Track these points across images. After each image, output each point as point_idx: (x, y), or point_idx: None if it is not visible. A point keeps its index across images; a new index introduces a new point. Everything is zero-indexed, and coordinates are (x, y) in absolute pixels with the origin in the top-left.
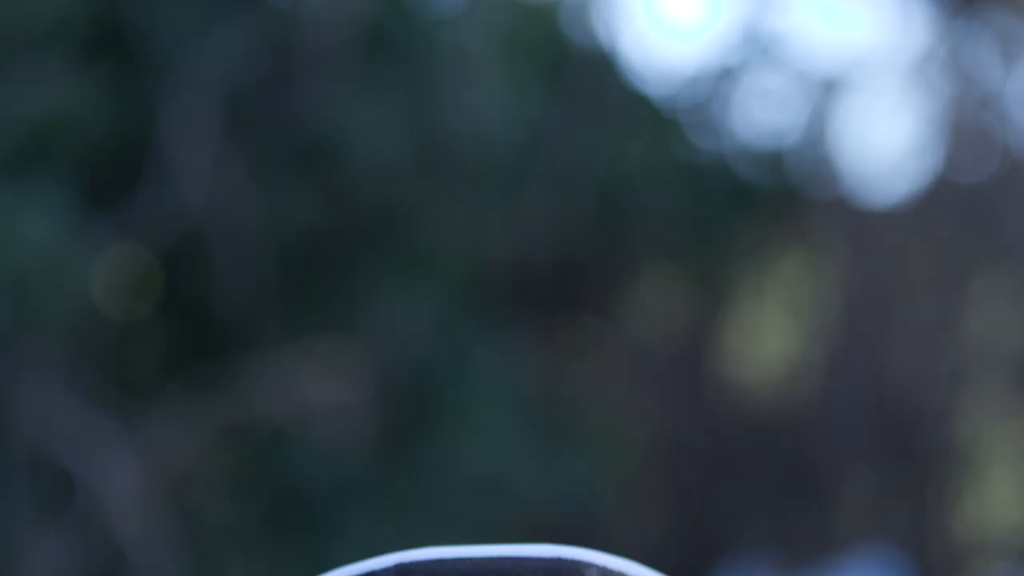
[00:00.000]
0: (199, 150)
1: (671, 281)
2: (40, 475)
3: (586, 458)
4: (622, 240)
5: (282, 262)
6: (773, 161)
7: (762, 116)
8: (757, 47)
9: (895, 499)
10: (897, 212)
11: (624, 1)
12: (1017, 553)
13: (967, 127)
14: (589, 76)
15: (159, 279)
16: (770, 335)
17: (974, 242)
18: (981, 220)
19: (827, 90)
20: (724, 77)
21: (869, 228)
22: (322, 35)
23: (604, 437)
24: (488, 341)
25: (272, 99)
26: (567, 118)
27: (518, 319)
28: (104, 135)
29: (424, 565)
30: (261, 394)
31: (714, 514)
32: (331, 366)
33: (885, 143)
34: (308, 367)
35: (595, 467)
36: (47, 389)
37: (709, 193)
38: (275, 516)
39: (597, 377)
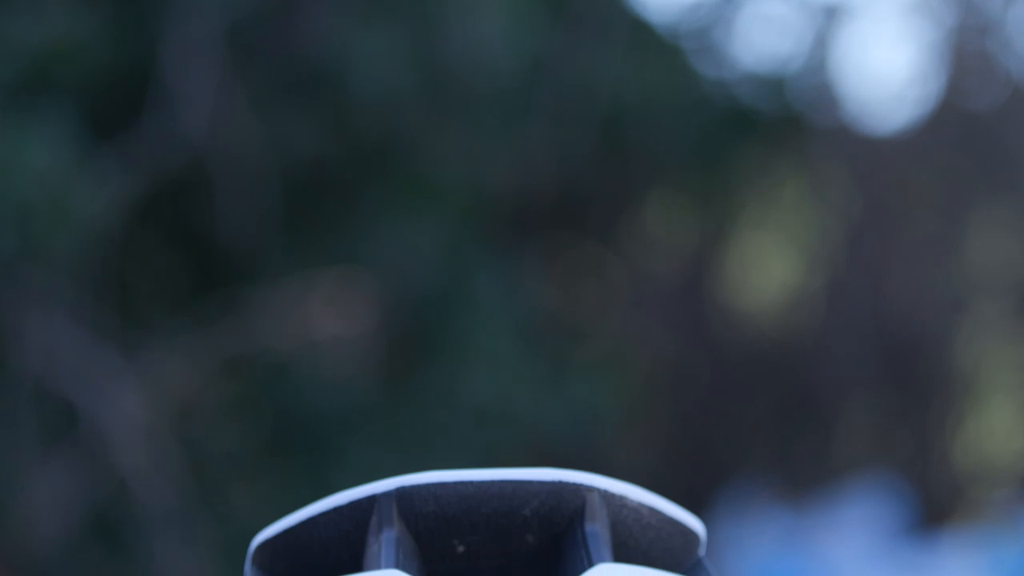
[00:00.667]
0: (202, 80)
1: (673, 208)
2: (44, 406)
3: (588, 385)
4: (625, 168)
5: (285, 192)
6: (775, 88)
7: (764, 43)
8: None
9: (896, 426)
10: (899, 139)
11: None
12: (1017, 479)
13: (969, 54)
14: (592, 3)
15: (162, 209)
16: (772, 262)
17: (975, 169)
18: (983, 147)
19: (829, 16)
20: (726, 3)
21: (871, 155)
22: None
23: (606, 364)
24: (491, 269)
25: (275, 28)
26: (570, 46)
27: (521, 247)
28: (107, 65)
29: (425, 488)
30: (264, 324)
31: (715, 440)
32: (334, 296)
33: (887, 70)
34: (311, 297)
35: (597, 394)
36: (51, 320)
37: (711, 120)
38: (278, 445)
39: (600, 304)
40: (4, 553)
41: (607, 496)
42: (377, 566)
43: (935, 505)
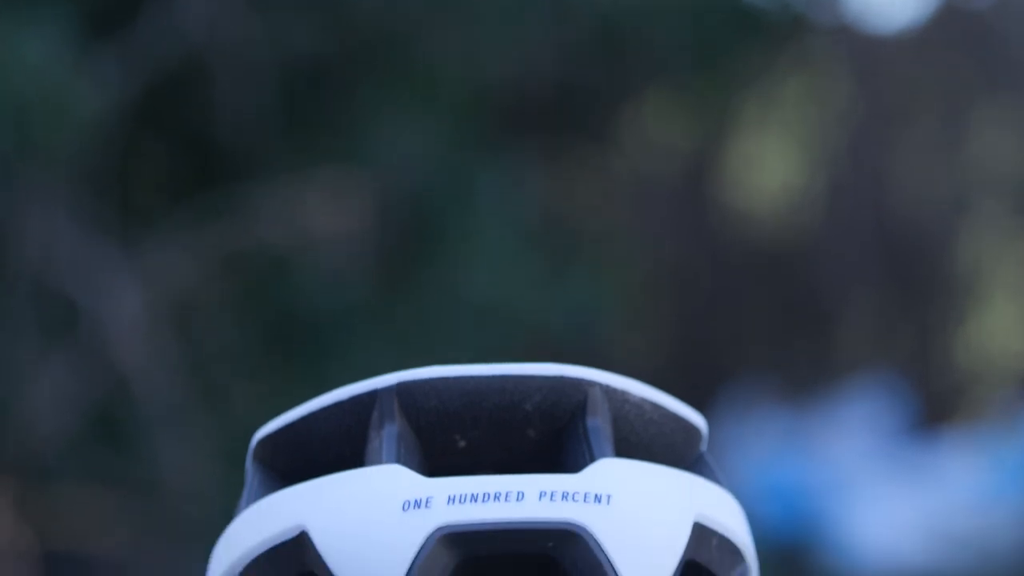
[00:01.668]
0: None
1: (673, 108)
2: (44, 302)
3: (589, 283)
4: (625, 66)
5: (283, 90)
6: None
7: None
8: None
9: (897, 326)
10: (901, 38)
11: None
12: (1017, 379)
13: None
14: None
15: (161, 106)
16: (773, 162)
17: (978, 69)
18: (985, 46)
19: None
20: None
21: (873, 54)
22: None
23: (607, 263)
24: (490, 167)
25: None
26: None
27: (520, 145)
28: None
29: (427, 383)
30: (263, 221)
31: (716, 341)
32: (333, 194)
33: None
34: (310, 195)
35: (598, 292)
36: (50, 217)
37: (712, 18)
38: (277, 341)
39: (600, 203)
40: (5, 449)
41: (609, 391)
42: (378, 461)
43: (936, 405)
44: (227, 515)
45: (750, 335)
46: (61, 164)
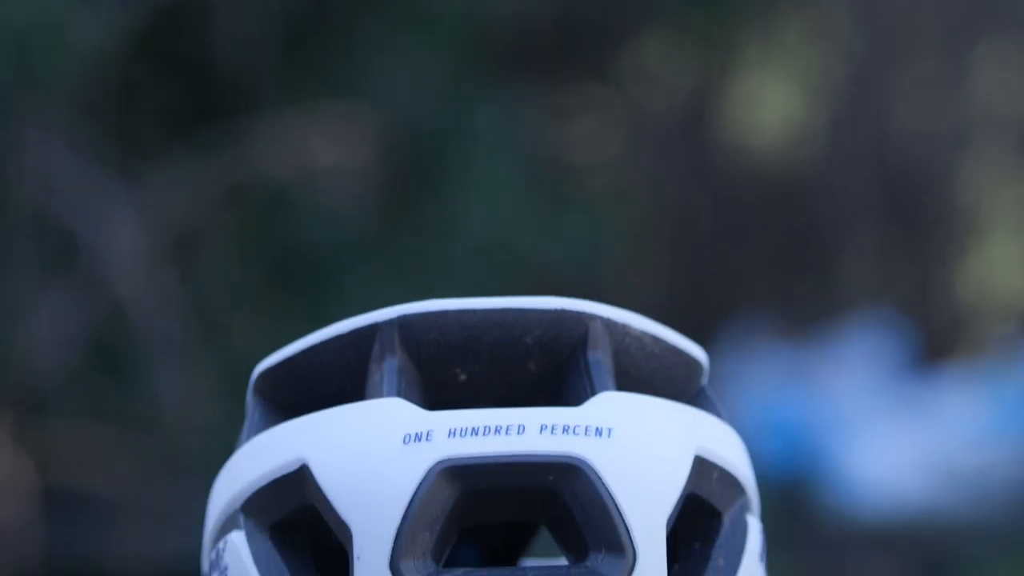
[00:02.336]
0: None
1: (675, 44)
2: (43, 234)
3: (589, 220)
4: (626, 2)
5: (284, 22)
6: None
7: None
8: None
9: (898, 262)
10: None
11: None
12: (1018, 315)
13: None
14: None
15: (162, 37)
16: (774, 99)
17: (980, 5)
18: None
19: None
20: None
21: None
22: None
23: (607, 199)
24: (490, 102)
25: None
26: None
27: (521, 81)
28: None
29: (428, 317)
30: (263, 154)
31: (717, 277)
32: (333, 128)
33: None
34: (310, 129)
35: (598, 229)
36: (49, 148)
37: None
38: (277, 274)
39: (600, 139)
40: (4, 383)
41: (610, 324)
42: (379, 394)
43: (937, 341)
44: (228, 449)
45: (751, 271)
46: (61, 95)
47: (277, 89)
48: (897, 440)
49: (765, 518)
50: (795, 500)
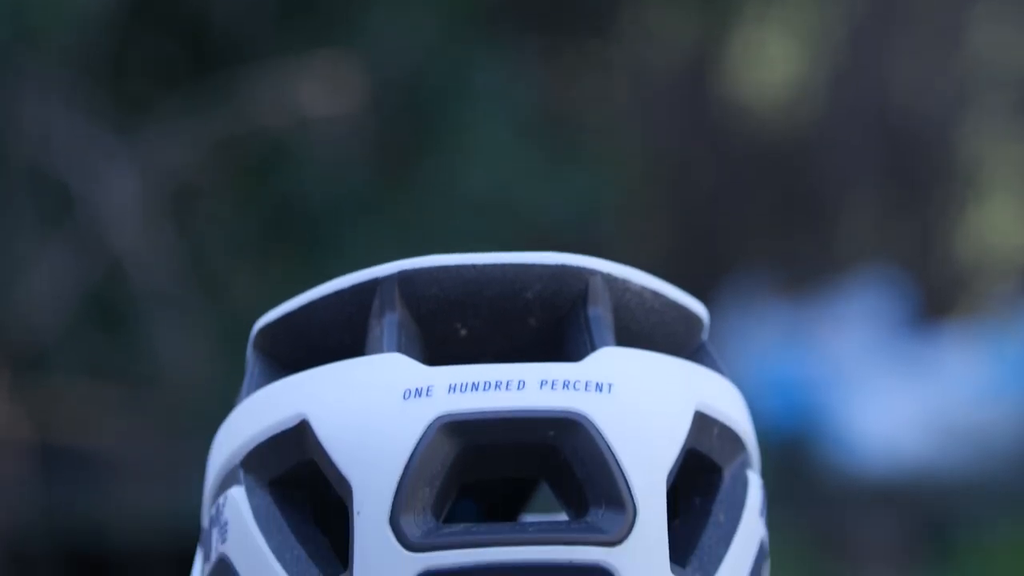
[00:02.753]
0: None
1: (676, 0)
2: (40, 190)
3: (589, 176)
4: None
5: None
6: None
7: None
8: None
9: (898, 220)
10: None
11: None
12: (1019, 273)
13: None
14: None
15: None
16: (775, 56)
17: None
18: None
19: None
20: None
21: None
22: None
23: (607, 156)
24: (489, 57)
25: None
26: None
27: (519, 36)
28: None
29: (428, 272)
30: (259, 108)
31: (716, 234)
32: (330, 82)
33: None
34: (307, 82)
35: (598, 186)
36: (46, 103)
37: None
38: (274, 229)
39: (600, 96)
40: (2, 338)
41: (610, 279)
42: (379, 349)
43: (937, 299)
44: (227, 405)
45: (750, 228)
46: (57, 51)
47: (273, 42)
48: (897, 397)
49: (765, 476)
50: (795, 458)
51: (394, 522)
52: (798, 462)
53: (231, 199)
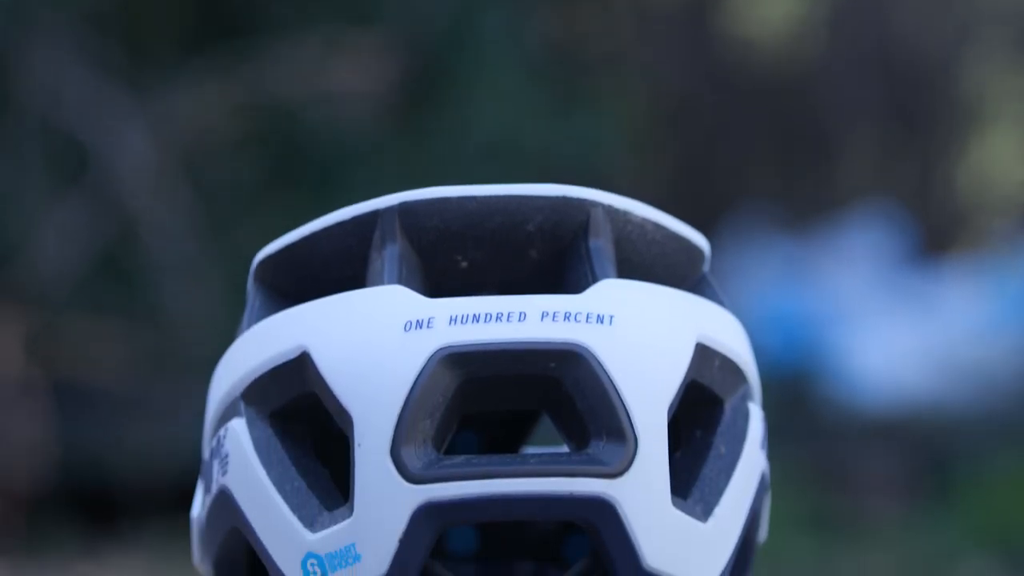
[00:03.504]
0: None
1: None
2: (53, 145)
3: (593, 116)
4: None
5: None
6: None
7: None
8: None
9: (899, 155)
10: None
11: None
12: (1020, 208)
13: None
14: None
15: None
16: None
17: None
18: None
19: None
20: None
21: None
22: None
23: (610, 95)
24: (497, 1)
25: None
26: None
27: None
28: None
29: (429, 203)
30: (274, 66)
31: (718, 170)
32: (340, 34)
33: None
34: (318, 35)
35: (601, 124)
36: (60, 59)
37: None
38: (286, 183)
39: (603, 35)
40: (14, 291)
41: (611, 211)
42: (380, 281)
43: (938, 234)
44: (230, 343)
45: (752, 165)
46: (70, 5)
47: (291, 7)
48: (898, 333)
49: (766, 411)
50: (796, 393)
51: (395, 454)
52: (799, 397)
53: (242, 154)
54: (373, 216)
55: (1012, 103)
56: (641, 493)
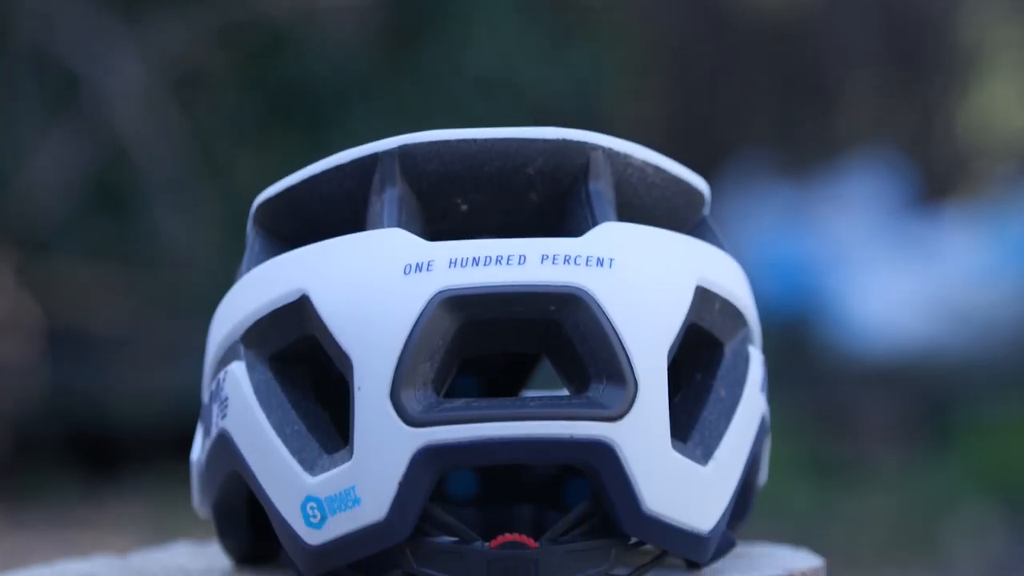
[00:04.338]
0: None
1: None
2: (44, 74)
3: (590, 56)
4: None
5: None
6: None
7: None
8: None
9: (899, 100)
10: None
11: None
12: (1020, 154)
13: None
14: None
15: None
16: None
17: None
18: None
19: None
20: None
21: None
22: None
23: (608, 36)
24: None
25: None
26: None
27: None
28: None
29: (428, 146)
30: None
31: (717, 115)
32: None
33: None
34: None
35: (599, 65)
36: None
37: None
38: (278, 112)
39: None
40: (6, 222)
41: (611, 154)
42: (380, 224)
43: (938, 179)
44: (229, 286)
45: (751, 110)
46: None
47: None
48: (898, 279)
49: (765, 357)
50: (795, 339)
51: (395, 397)
52: (798, 343)
53: (235, 83)
54: (373, 159)
55: (1012, 49)
56: (641, 436)
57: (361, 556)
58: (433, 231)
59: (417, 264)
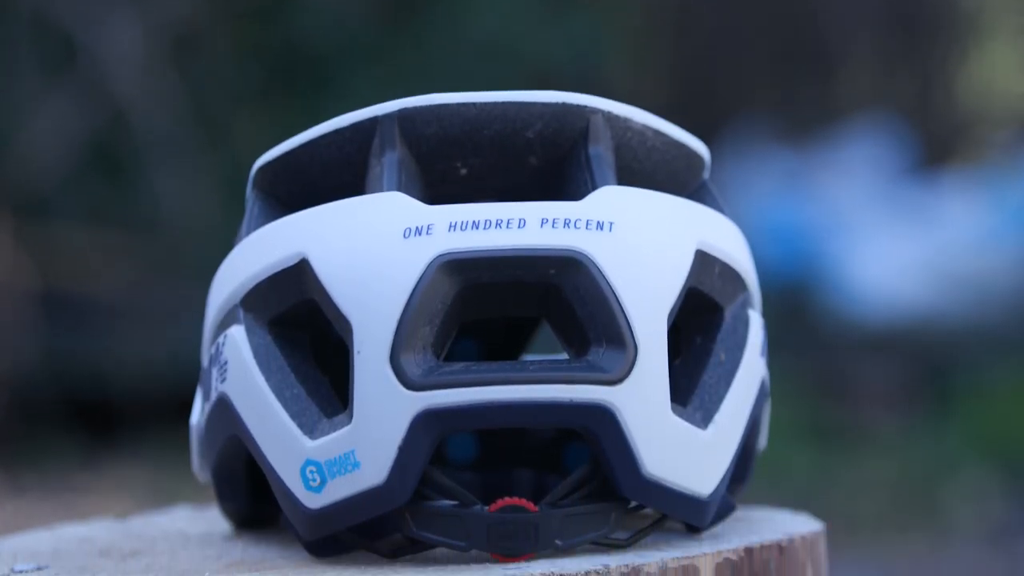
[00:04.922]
0: None
1: None
2: (43, 37)
3: (590, 22)
4: None
5: None
6: None
7: None
8: None
9: (899, 66)
10: None
11: None
12: (1019, 119)
13: None
14: None
15: None
16: None
17: None
18: None
19: None
20: None
21: None
22: None
23: (609, 1)
24: None
25: None
26: None
27: None
28: None
29: (428, 110)
30: None
31: (717, 81)
32: None
33: None
34: None
35: (599, 31)
36: None
37: None
38: (277, 75)
39: None
40: (4, 186)
41: (611, 118)
42: (379, 188)
43: (937, 145)
44: (228, 250)
45: (751, 75)
46: None
47: None
48: (897, 245)
49: (765, 322)
50: (795, 305)
51: (394, 361)
52: (798, 309)
53: (233, 47)
54: (372, 123)
55: (1012, 15)
56: (641, 400)
57: (361, 520)
58: (433, 195)
59: (417, 228)
